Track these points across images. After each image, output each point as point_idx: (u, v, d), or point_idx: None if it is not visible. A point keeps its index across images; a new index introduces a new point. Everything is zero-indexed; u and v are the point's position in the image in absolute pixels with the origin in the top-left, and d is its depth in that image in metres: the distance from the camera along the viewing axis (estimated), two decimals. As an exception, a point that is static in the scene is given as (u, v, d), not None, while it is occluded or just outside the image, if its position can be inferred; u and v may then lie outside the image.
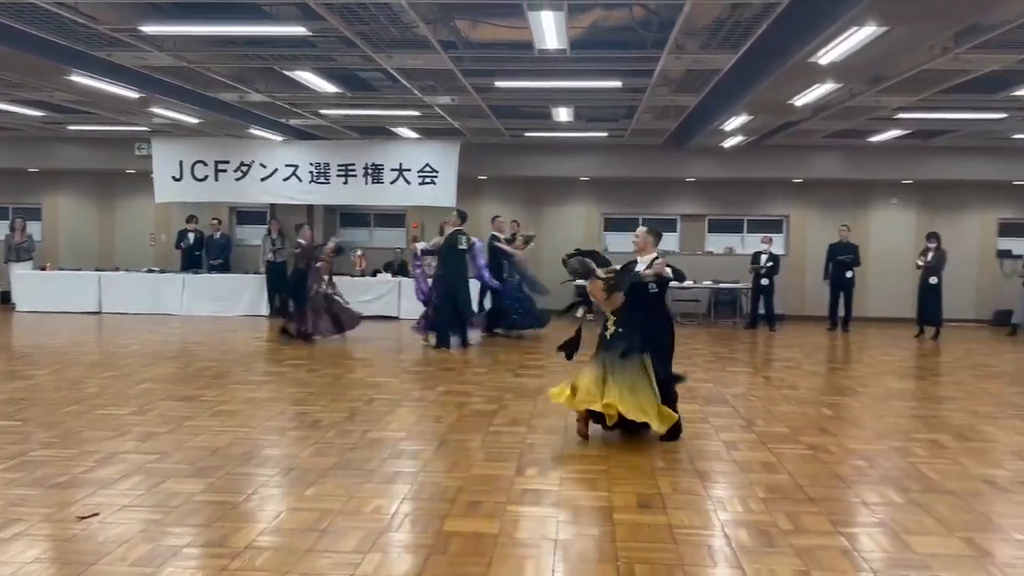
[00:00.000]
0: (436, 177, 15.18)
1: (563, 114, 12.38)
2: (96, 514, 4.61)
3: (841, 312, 15.01)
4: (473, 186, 17.02)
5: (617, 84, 10.02)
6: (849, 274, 14.87)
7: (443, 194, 15.18)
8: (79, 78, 9.45)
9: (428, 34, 7.68)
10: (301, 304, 12.25)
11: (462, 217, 12.04)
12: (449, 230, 11.83)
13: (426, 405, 7.80)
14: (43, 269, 16.55)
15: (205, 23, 7.70)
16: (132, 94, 10.53)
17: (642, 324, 6.61)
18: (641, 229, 7.39)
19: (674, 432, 6.46)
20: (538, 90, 10.60)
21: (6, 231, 16.81)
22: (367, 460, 5.81)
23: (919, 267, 14.36)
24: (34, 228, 17.59)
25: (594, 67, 9.17)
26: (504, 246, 13.21)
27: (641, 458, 5.99)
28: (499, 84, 10.10)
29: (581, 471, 5.67)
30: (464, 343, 11.79)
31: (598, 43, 8.28)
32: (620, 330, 6.67)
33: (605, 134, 14.67)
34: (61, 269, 16.62)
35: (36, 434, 6.47)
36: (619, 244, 17.64)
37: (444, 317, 11.63)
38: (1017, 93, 10.15)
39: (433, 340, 11.70)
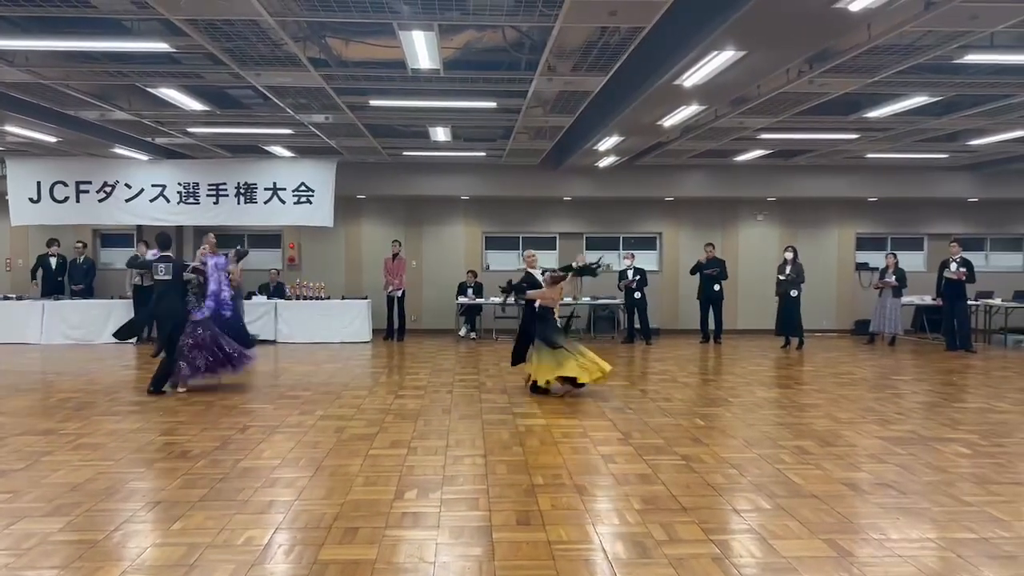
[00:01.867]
0: (312, 196, 14.91)
1: (440, 133, 12.40)
2: None
3: (712, 325, 15.60)
4: (352, 205, 16.85)
5: (492, 104, 10.12)
6: (717, 287, 15.47)
7: (319, 213, 14.93)
8: (-82, 93, 8.82)
9: (298, 52, 7.55)
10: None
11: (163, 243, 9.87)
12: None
13: (304, 431, 7.60)
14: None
15: (60, 38, 7.32)
16: (-20, 111, 9.90)
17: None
18: (532, 251, 12.10)
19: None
20: (413, 109, 10.58)
21: None
22: (239, 490, 5.60)
23: (779, 280, 15.08)
24: None
25: (468, 87, 9.23)
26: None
27: (521, 476, 6.01)
28: (374, 103, 10.02)
29: (461, 491, 5.63)
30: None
31: (472, 63, 8.34)
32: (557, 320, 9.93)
33: (483, 154, 14.78)
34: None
35: None
36: (500, 262, 17.82)
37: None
38: (868, 115, 10.84)
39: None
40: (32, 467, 6.22)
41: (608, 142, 12.01)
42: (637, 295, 15.37)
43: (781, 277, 15.07)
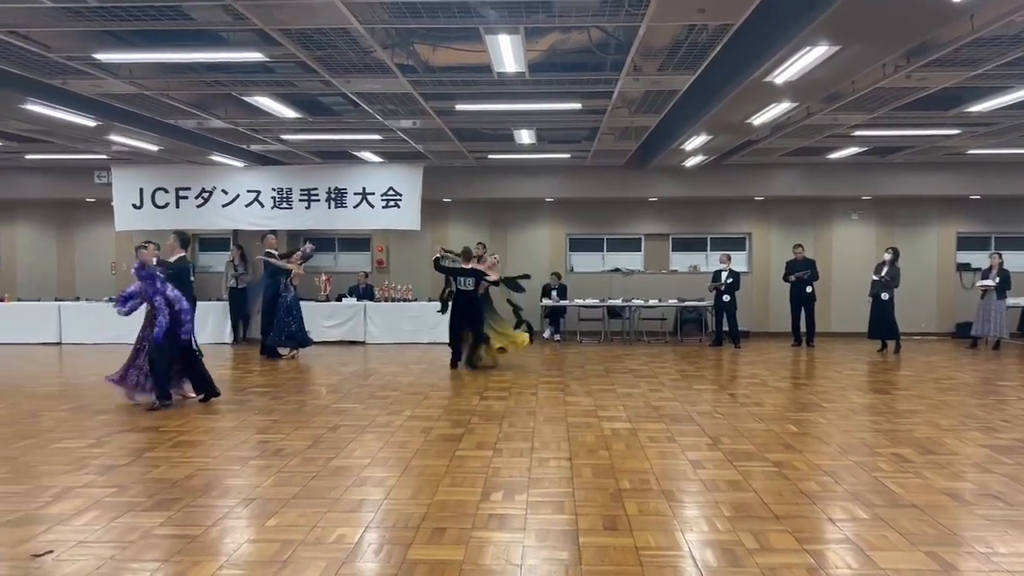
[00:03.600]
0: (400, 200, 15.15)
1: (525, 136, 12.43)
2: (51, 551, 4.48)
3: (804, 328, 15.18)
4: (438, 209, 17.04)
5: (577, 106, 10.09)
6: (809, 289, 15.04)
7: (407, 217, 15.15)
8: (34, 107, 9.32)
9: (386, 59, 7.68)
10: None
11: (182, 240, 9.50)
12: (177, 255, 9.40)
13: (392, 431, 7.72)
14: (1, 300, 16.22)
15: (161, 50, 7.63)
16: (89, 122, 10.40)
17: None
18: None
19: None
20: (499, 113, 10.63)
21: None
22: (330, 488, 5.72)
23: (873, 281, 14.58)
24: (-10, 259, 17.27)
25: (554, 89, 9.23)
26: (277, 261, 13.21)
27: (607, 480, 5.96)
28: (460, 107, 10.12)
29: (547, 494, 5.62)
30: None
31: (557, 66, 8.33)
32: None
33: (568, 155, 14.75)
34: (20, 300, 16.29)
35: (-12, 471, 6.29)
36: (584, 264, 17.75)
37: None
38: (970, 109, 10.37)
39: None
40: (135, 463, 6.49)
41: (695, 141, 11.82)
42: (726, 297, 15.07)
43: (875, 278, 14.57)
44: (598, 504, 5.38)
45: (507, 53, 7.30)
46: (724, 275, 15.13)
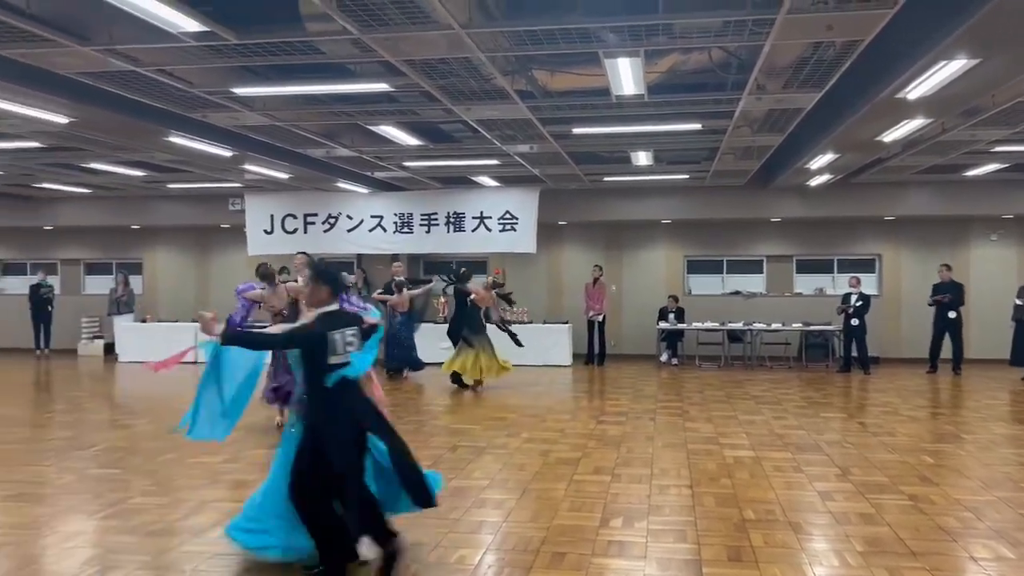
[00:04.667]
0: (516, 224, 15.30)
1: (642, 158, 12.35)
2: None
3: (948, 354, 14.31)
4: (554, 231, 17.10)
5: (697, 126, 9.96)
6: (953, 314, 14.20)
7: (523, 240, 15.28)
8: (177, 139, 9.93)
9: (506, 85, 7.80)
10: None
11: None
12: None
13: (510, 453, 7.76)
14: (143, 321, 17.28)
15: (294, 83, 8.00)
16: (226, 153, 10.99)
17: None
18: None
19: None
20: (616, 135, 10.61)
21: (111, 285, 17.69)
22: (451, 509, 5.79)
23: (1016, 306, 13.66)
24: (136, 282, 18.43)
25: (673, 110, 9.14)
26: (383, 296, 13.35)
27: (730, 509, 5.81)
28: (577, 131, 10.15)
29: (668, 522, 5.52)
30: None
31: (676, 86, 8.25)
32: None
33: (686, 176, 14.55)
34: (160, 321, 17.30)
35: (134, 482, 6.69)
36: (703, 286, 17.42)
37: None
38: (1124, 121, 9.64)
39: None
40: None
41: (821, 160, 11.45)
42: (855, 321, 14.44)
43: (1018, 302, 13.67)
44: (721, 534, 5.25)
45: (626, 76, 7.28)
46: (854, 298, 14.52)
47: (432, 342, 14.07)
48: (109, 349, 17.39)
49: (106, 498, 6.15)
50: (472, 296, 12.37)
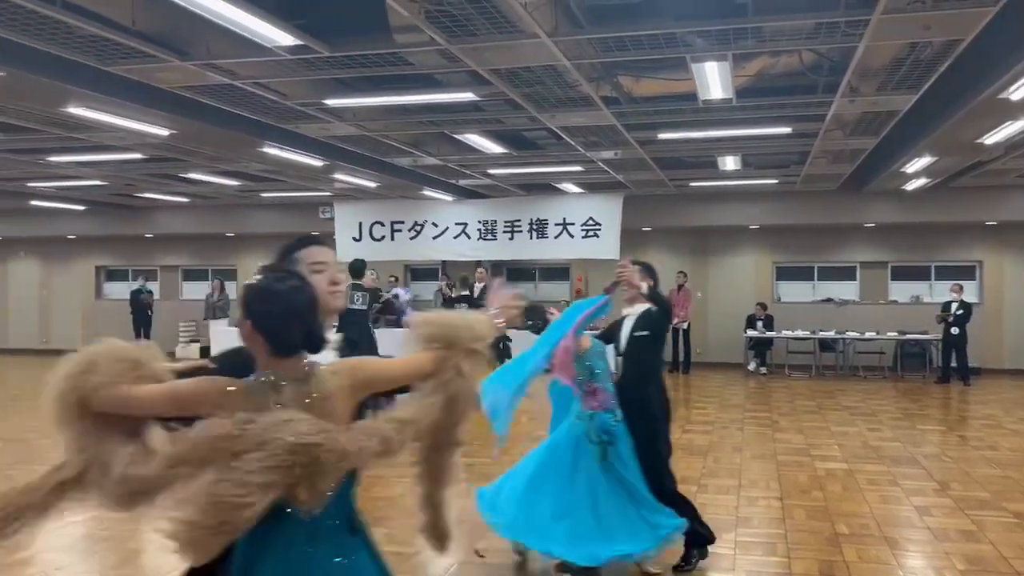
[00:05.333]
0: (599, 230, 15.24)
1: (730, 162, 12.15)
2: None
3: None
4: (637, 237, 16.93)
5: (787, 130, 9.75)
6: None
7: (606, 247, 15.20)
8: (271, 149, 10.25)
9: (591, 92, 7.79)
10: None
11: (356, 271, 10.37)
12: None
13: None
14: (237, 326, 17.85)
15: (383, 94, 8.17)
16: (317, 162, 11.30)
17: None
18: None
19: None
20: (703, 140, 10.47)
21: (207, 291, 18.40)
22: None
23: None
24: (231, 288, 19.09)
25: (762, 114, 8.97)
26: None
27: (822, 523, 5.66)
28: (662, 136, 10.06)
29: (756, 534, 5.41)
30: None
31: (765, 90, 8.10)
32: None
33: (775, 180, 14.25)
34: (253, 326, 17.84)
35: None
36: (793, 294, 17.01)
37: None
38: None
39: None
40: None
41: (918, 163, 11.06)
42: (955, 330, 13.86)
43: None
44: (813, 548, 5.12)
45: (714, 80, 7.19)
46: (954, 306, 13.95)
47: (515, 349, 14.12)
48: (205, 352, 18.03)
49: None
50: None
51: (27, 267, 20.89)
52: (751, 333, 15.58)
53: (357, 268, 10.39)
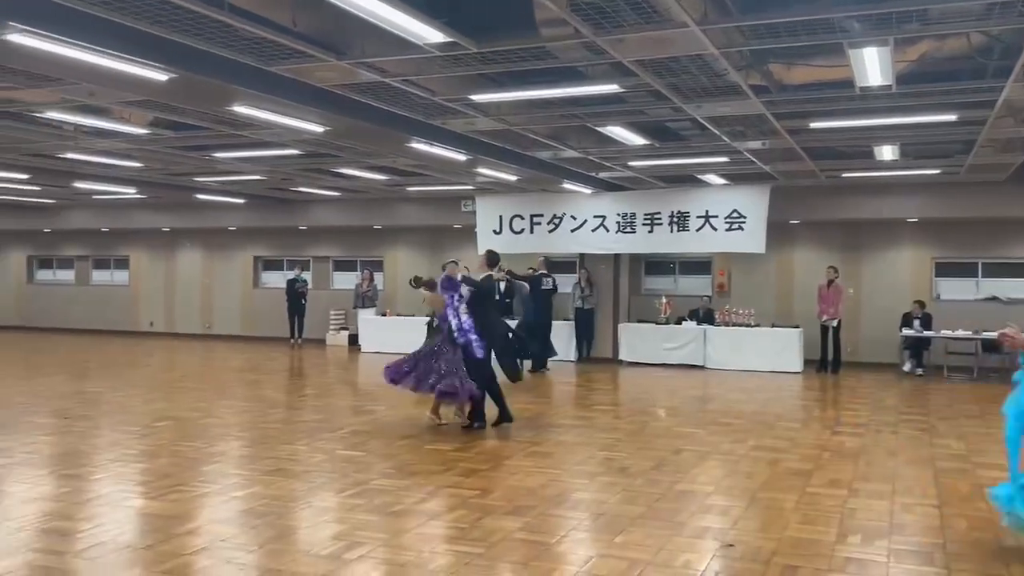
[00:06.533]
0: (744, 223, 14.82)
1: (887, 152, 11.54)
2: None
3: None
4: (784, 230, 16.35)
5: (951, 117, 9.16)
6: None
7: (751, 240, 14.77)
8: (418, 145, 10.55)
9: (739, 80, 7.59)
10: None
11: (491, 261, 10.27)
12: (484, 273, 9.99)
13: (735, 459, 7.55)
14: (384, 315, 18.53)
15: (528, 88, 8.24)
16: (461, 157, 11.54)
17: None
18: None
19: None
20: (859, 129, 9.98)
21: (356, 281, 19.19)
22: (675, 512, 5.74)
23: None
24: (378, 278, 19.82)
25: (924, 101, 8.47)
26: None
27: (986, 534, 5.31)
28: (815, 125, 9.67)
29: (913, 543, 5.14)
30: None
31: (928, 75, 7.64)
32: None
33: (937, 171, 13.42)
34: (399, 315, 18.46)
35: (376, 465, 7.20)
36: (954, 291, 15.99)
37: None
38: None
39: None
40: (495, 468, 7.03)
41: (1100, 152, 10.16)
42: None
43: None
44: (974, 560, 4.82)
45: (872, 66, 6.84)
46: None
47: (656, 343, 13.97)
48: (353, 340, 18.82)
49: (351, 478, 6.67)
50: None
51: (192, 257, 22.40)
52: (907, 332, 14.75)
53: (493, 259, 10.47)
